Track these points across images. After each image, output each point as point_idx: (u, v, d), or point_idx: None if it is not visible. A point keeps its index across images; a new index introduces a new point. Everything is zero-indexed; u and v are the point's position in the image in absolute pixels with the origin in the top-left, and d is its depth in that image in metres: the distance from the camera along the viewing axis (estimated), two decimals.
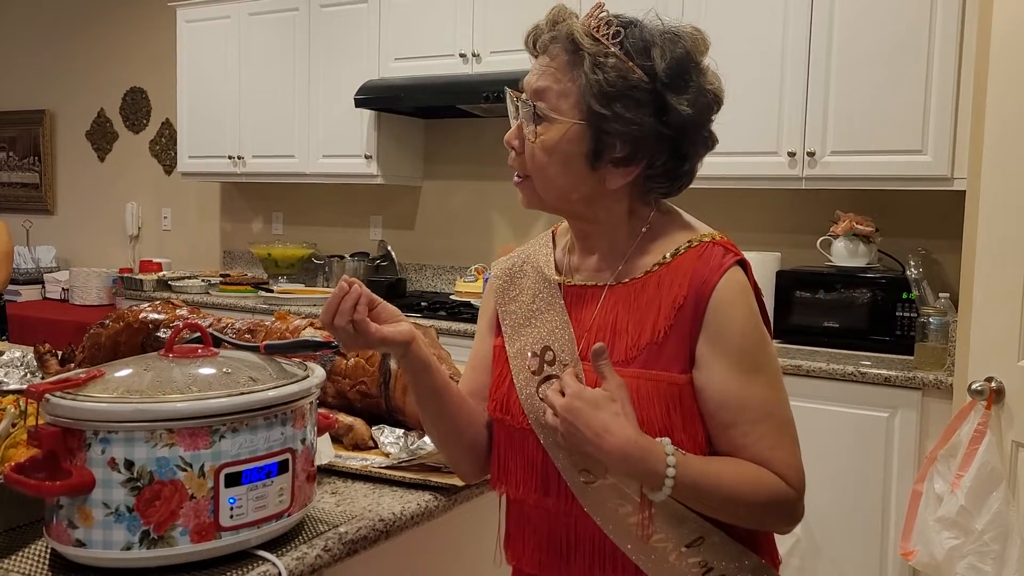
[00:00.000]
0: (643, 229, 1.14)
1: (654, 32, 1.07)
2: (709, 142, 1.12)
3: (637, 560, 1.07)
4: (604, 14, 1.08)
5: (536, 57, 1.12)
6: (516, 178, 1.15)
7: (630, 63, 1.04)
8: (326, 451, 1.35)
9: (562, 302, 1.16)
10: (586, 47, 1.05)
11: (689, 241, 1.12)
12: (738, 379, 1.06)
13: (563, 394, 1.02)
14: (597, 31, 1.06)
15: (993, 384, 2.13)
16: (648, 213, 1.15)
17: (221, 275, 4.44)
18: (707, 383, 1.06)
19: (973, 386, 2.15)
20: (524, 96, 1.11)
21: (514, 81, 1.15)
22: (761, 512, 1.07)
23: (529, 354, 1.15)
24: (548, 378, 1.11)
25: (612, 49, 1.05)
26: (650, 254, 1.13)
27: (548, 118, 1.08)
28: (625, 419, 1.00)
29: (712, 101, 1.09)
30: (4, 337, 3.78)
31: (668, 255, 1.11)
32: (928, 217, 3.05)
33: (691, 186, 1.15)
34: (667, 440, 1.02)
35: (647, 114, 1.05)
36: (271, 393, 1.02)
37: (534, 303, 1.18)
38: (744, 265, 1.10)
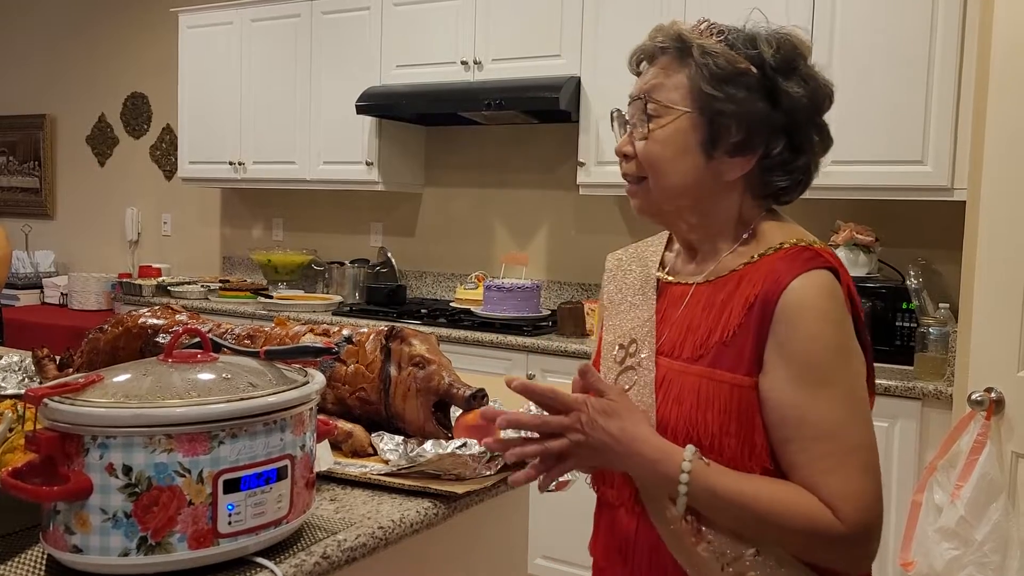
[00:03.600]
0: (744, 235, 1.12)
1: (757, 29, 1.09)
2: (825, 138, 1.11)
3: (686, 567, 1.05)
4: (706, 24, 1.11)
5: (640, 74, 1.15)
6: (630, 185, 1.15)
7: (736, 53, 1.06)
8: (325, 458, 1.35)
9: (654, 296, 1.17)
10: (693, 38, 1.08)
11: (782, 243, 1.09)
12: (797, 390, 1.00)
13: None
14: (701, 34, 1.09)
15: (993, 395, 2.13)
16: (755, 217, 1.13)
17: (221, 281, 4.44)
18: (769, 390, 1.02)
19: (973, 396, 2.15)
20: (632, 97, 1.13)
21: (516, 88, 1.17)
22: (798, 542, 0.99)
23: (617, 346, 1.17)
24: (627, 369, 1.14)
25: (718, 40, 1.07)
26: (743, 255, 1.11)
27: (660, 112, 1.09)
28: (638, 420, 1.03)
29: (825, 92, 1.09)
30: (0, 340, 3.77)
31: (756, 255, 1.09)
32: (928, 227, 3.06)
33: None
34: (692, 447, 1.01)
35: (758, 99, 1.06)
36: (271, 399, 1.01)
37: (633, 296, 1.20)
38: (837, 274, 1.05)
